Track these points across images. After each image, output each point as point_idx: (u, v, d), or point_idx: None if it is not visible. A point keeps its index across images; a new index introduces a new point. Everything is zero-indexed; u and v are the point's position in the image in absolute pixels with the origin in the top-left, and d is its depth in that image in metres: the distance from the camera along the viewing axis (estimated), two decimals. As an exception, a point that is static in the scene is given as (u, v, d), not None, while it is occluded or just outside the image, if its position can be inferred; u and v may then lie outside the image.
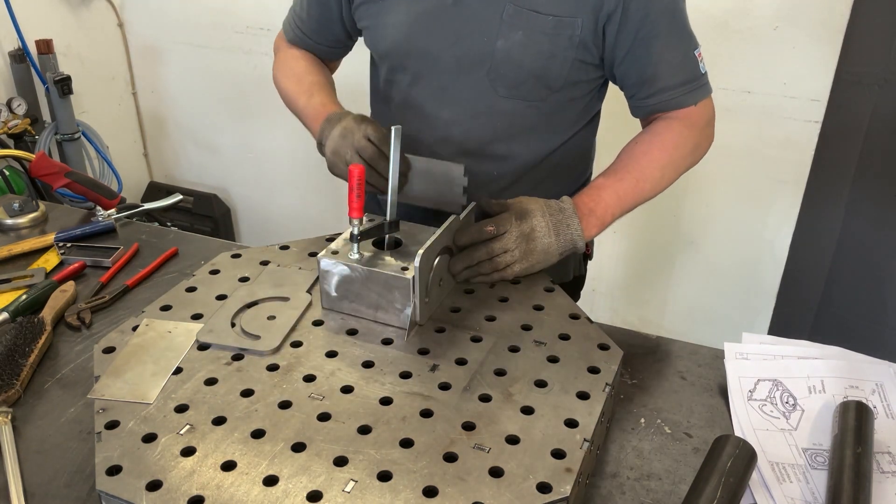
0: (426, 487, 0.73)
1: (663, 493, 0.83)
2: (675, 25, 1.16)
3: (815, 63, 2.13)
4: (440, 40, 1.20)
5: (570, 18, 1.13)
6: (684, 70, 1.18)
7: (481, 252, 1.05)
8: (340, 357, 0.93)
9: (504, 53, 1.17)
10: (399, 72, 1.28)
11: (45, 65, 2.73)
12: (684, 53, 1.18)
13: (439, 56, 1.21)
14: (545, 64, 1.17)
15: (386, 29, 1.25)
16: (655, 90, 1.19)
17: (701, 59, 1.20)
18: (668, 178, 1.22)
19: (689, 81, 1.19)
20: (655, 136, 1.22)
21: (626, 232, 2.60)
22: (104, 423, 0.81)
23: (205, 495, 0.72)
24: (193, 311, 1.02)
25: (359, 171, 0.96)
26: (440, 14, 1.18)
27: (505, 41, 1.16)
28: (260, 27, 2.93)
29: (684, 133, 1.21)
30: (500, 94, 1.21)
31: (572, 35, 1.14)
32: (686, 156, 1.23)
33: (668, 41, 1.16)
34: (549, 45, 1.15)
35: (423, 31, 1.21)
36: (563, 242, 1.10)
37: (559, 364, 0.91)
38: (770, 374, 0.99)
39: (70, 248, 1.33)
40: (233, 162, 3.31)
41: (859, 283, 2.31)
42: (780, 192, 2.32)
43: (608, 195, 1.17)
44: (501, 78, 1.20)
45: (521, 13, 1.14)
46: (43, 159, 1.48)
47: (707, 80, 1.21)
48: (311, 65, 1.40)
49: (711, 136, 1.27)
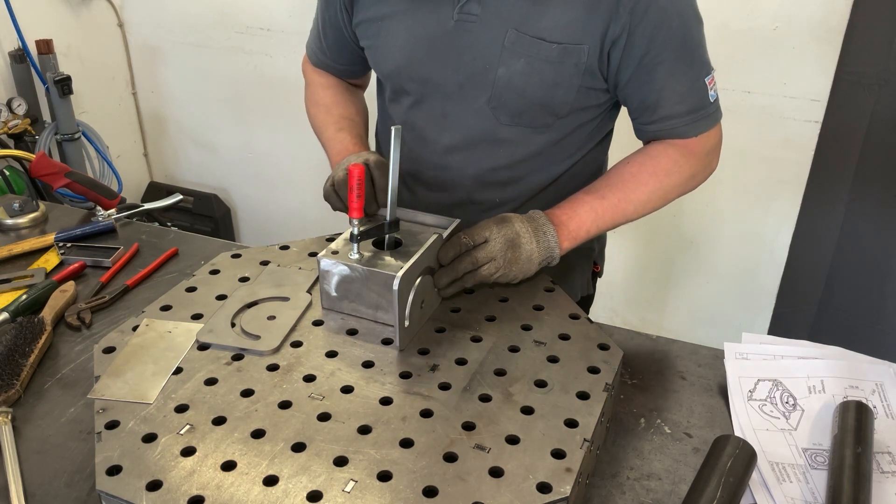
0: (426, 487, 0.73)
1: (663, 493, 0.83)
2: (684, 53, 1.10)
3: (815, 63, 2.13)
4: (441, 65, 1.16)
5: (576, 45, 1.08)
6: (690, 99, 1.13)
7: (466, 263, 1.02)
8: (340, 357, 0.93)
9: (505, 81, 1.12)
10: (400, 94, 1.26)
11: (45, 65, 2.73)
12: (692, 82, 1.12)
13: (441, 81, 1.17)
14: (549, 92, 1.13)
15: (387, 50, 1.22)
16: (657, 118, 1.14)
17: (712, 86, 1.14)
18: (654, 204, 1.18)
19: (693, 111, 1.13)
20: (648, 158, 1.18)
21: (627, 232, 2.60)
22: (104, 423, 0.81)
23: (205, 495, 0.72)
24: (193, 311, 1.02)
25: (359, 171, 0.96)
26: (441, 38, 1.14)
27: (506, 69, 1.11)
28: (260, 27, 2.93)
29: (679, 162, 1.17)
30: (502, 122, 1.18)
31: (578, 62, 1.09)
32: (678, 185, 1.18)
33: (675, 68, 1.10)
34: (553, 73, 1.10)
35: (424, 54, 1.17)
36: (542, 250, 1.07)
37: (559, 364, 0.91)
38: (770, 374, 0.99)
39: (70, 248, 1.33)
40: (233, 162, 3.31)
41: (859, 283, 2.31)
42: (780, 192, 2.32)
43: (584, 211, 1.13)
44: (503, 106, 1.16)
45: (523, 40, 1.09)
46: (43, 159, 1.48)
47: (715, 109, 1.16)
48: (339, 95, 1.39)
49: (713, 165, 1.23)
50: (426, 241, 1.00)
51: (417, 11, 1.15)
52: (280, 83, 2.94)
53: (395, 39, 1.19)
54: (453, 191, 1.27)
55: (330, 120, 1.34)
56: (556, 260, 1.09)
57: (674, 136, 1.16)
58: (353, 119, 1.34)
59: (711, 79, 1.14)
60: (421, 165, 1.26)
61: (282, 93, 2.93)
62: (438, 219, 1.08)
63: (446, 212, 1.10)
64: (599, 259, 1.45)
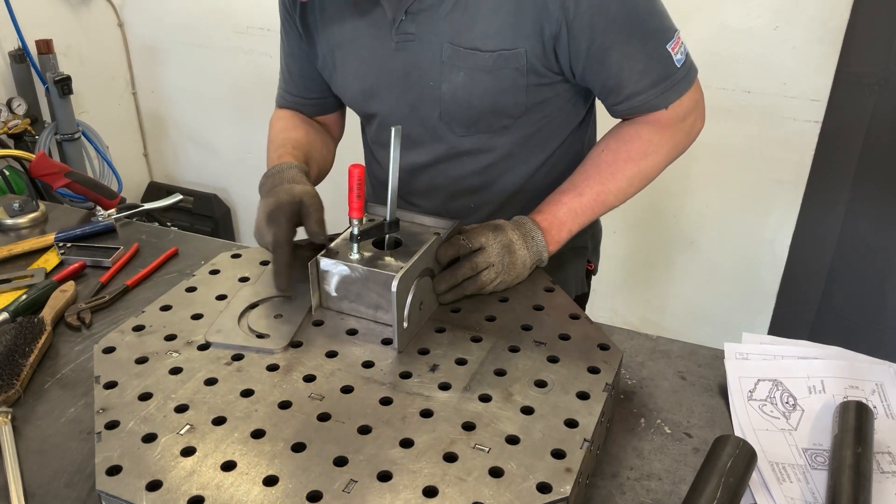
0: (426, 487, 0.73)
1: (663, 493, 0.83)
2: (633, 29, 1.06)
3: (815, 63, 2.13)
4: (391, 88, 1.17)
5: (511, 50, 1.07)
6: (652, 73, 1.08)
7: (465, 269, 1.02)
8: (340, 357, 0.93)
9: (450, 96, 1.13)
10: (366, 120, 1.28)
11: (45, 65, 2.73)
12: (649, 55, 1.07)
13: (394, 104, 1.19)
14: (495, 99, 1.12)
15: (343, 80, 1.23)
16: (623, 97, 1.11)
17: (678, 49, 1.09)
18: (636, 187, 1.16)
19: (659, 82, 1.09)
20: (622, 143, 1.15)
21: (626, 232, 2.61)
22: (104, 423, 0.81)
23: (205, 495, 0.72)
24: (193, 311, 1.02)
25: (359, 171, 0.96)
26: (386, 61, 1.15)
27: (449, 83, 1.11)
28: (260, 27, 2.93)
29: (654, 140, 1.14)
30: (458, 133, 1.18)
31: (518, 66, 1.08)
32: (657, 163, 1.16)
33: (626, 48, 1.06)
34: (494, 80, 1.09)
35: (375, 79, 1.18)
36: (532, 254, 1.07)
37: (559, 364, 0.91)
38: (770, 374, 0.99)
39: (70, 248, 1.33)
40: (233, 162, 3.31)
41: (859, 283, 2.31)
42: (780, 192, 2.33)
43: (564, 213, 1.12)
44: (455, 120, 1.16)
45: (458, 53, 1.09)
46: (43, 159, 1.48)
47: (686, 72, 1.11)
48: (291, 122, 1.33)
49: (696, 126, 1.18)
50: (426, 241, 1.00)
51: (361, 38, 1.16)
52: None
53: (347, 68, 1.21)
54: (428, 202, 1.28)
55: (272, 146, 1.26)
56: (544, 262, 1.10)
57: (645, 111, 1.13)
58: (296, 142, 1.26)
59: (676, 41, 1.09)
60: (401, 182, 1.26)
61: (282, 93, 2.93)
62: (437, 220, 1.08)
63: None
64: (593, 257, 1.44)
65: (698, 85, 1.16)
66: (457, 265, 1.03)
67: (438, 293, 1.02)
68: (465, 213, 1.26)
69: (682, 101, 1.13)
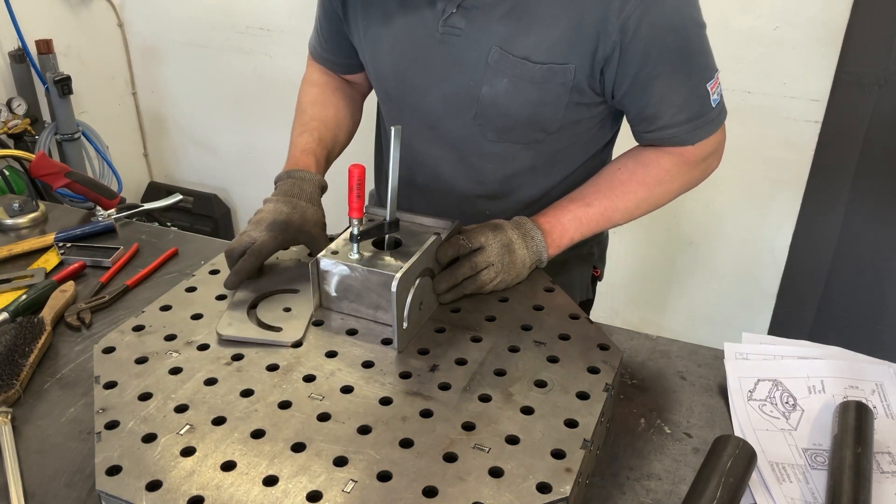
0: (426, 487, 0.73)
1: (663, 493, 0.83)
2: (681, 64, 1.06)
3: (815, 63, 2.13)
4: (427, 77, 1.14)
5: (561, 65, 1.05)
6: (689, 108, 1.09)
7: (465, 268, 1.02)
8: (340, 357, 0.93)
9: (490, 100, 1.10)
10: (388, 99, 1.24)
11: (45, 65, 2.73)
12: (691, 91, 1.08)
13: (426, 92, 1.15)
14: (535, 111, 1.10)
15: (374, 53, 1.20)
16: (655, 128, 1.11)
17: (715, 90, 1.10)
18: (643, 210, 1.16)
19: (693, 119, 1.10)
20: (640, 166, 1.15)
21: (627, 233, 2.60)
22: (104, 423, 0.81)
23: (205, 495, 0.72)
24: (193, 311, 1.02)
25: (359, 171, 0.96)
26: (427, 49, 1.12)
27: (490, 88, 1.09)
28: (260, 27, 2.93)
29: (672, 171, 1.15)
30: (489, 138, 1.16)
31: (565, 81, 1.06)
32: (668, 193, 1.16)
33: (672, 81, 1.06)
34: (538, 92, 1.08)
35: (410, 62, 1.15)
36: (532, 254, 1.07)
37: (559, 364, 0.91)
38: (770, 374, 0.99)
39: (70, 248, 1.33)
40: (233, 162, 3.31)
41: (859, 283, 2.31)
42: (780, 192, 2.33)
43: (568, 219, 1.12)
44: (489, 123, 1.14)
45: (506, 59, 1.06)
46: (43, 159, 1.48)
47: (718, 113, 1.12)
48: (321, 94, 1.34)
49: (711, 167, 1.20)
50: (426, 241, 1.00)
51: (404, 17, 1.13)
52: (280, 83, 2.94)
53: (380, 43, 1.18)
54: (443, 202, 1.26)
55: (299, 120, 1.30)
56: (543, 263, 1.10)
57: (673, 144, 1.13)
58: (319, 123, 1.29)
59: (715, 82, 1.10)
60: (414, 173, 1.25)
61: (282, 93, 2.93)
62: (437, 220, 1.08)
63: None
64: (599, 263, 1.43)
65: (724, 127, 1.17)
66: (456, 265, 1.03)
67: (438, 293, 1.02)
68: (479, 219, 1.22)
69: (708, 140, 1.13)
